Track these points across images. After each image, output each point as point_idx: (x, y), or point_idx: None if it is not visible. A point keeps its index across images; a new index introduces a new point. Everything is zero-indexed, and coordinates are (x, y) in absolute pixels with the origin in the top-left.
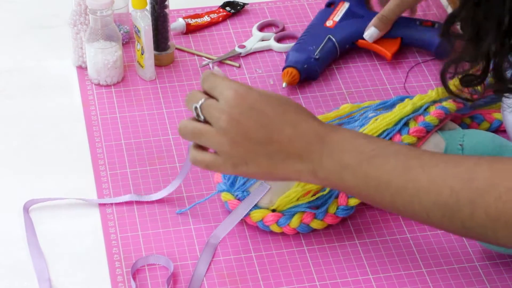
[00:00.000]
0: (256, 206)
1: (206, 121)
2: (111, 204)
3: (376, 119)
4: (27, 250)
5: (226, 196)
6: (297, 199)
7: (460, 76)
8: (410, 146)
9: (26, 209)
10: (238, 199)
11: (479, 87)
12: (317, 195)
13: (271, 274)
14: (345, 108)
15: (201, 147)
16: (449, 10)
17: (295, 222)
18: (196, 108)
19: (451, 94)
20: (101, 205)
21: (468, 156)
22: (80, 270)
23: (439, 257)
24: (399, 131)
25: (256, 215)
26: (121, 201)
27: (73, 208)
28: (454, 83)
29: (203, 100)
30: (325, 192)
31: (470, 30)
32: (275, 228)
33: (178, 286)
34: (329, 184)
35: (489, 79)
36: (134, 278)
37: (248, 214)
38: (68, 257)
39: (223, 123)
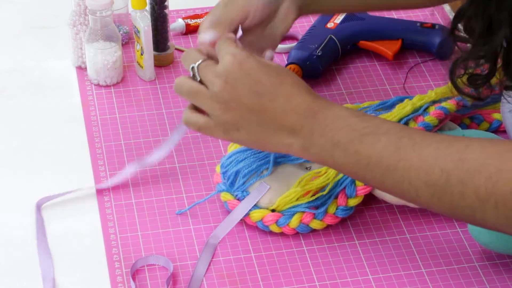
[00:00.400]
0: (255, 206)
1: (202, 82)
2: (111, 204)
3: None
4: (28, 249)
5: (225, 196)
6: (297, 199)
7: (467, 75)
8: (403, 125)
9: (38, 206)
10: (238, 199)
11: (484, 85)
12: (316, 195)
13: (271, 274)
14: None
15: (196, 109)
16: (452, 15)
17: (294, 222)
18: (193, 68)
19: (460, 93)
20: (101, 205)
21: (460, 137)
22: (80, 270)
23: (439, 257)
24: None
25: (256, 215)
26: (123, 176)
27: (73, 208)
28: (462, 81)
29: (200, 60)
30: (324, 192)
31: (481, 25)
32: (274, 228)
33: (177, 286)
34: (320, 161)
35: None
36: (133, 279)
37: (247, 214)
38: (68, 257)
39: (217, 87)
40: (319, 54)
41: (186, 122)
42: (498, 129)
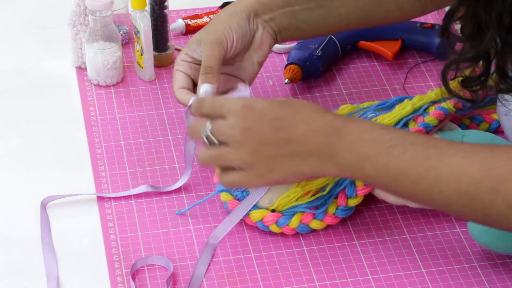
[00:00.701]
0: (255, 206)
1: (220, 143)
2: (111, 205)
3: (376, 120)
4: (29, 248)
5: (225, 196)
6: (297, 199)
7: (461, 78)
8: (428, 135)
9: (43, 205)
10: (238, 199)
11: (478, 87)
12: (316, 196)
13: (271, 274)
14: (344, 108)
15: (227, 168)
16: None
17: (294, 222)
18: (207, 136)
19: (452, 95)
20: (101, 206)
21: (485, 145)
22: (80, 270)
23: (439, 257)
24: None
25: (256, 215)
26: (135, 192)
27: (72, 209)
28: (454, 83)
29: (209, 125)
30: (324, 193)
31: (470, 27)
32: (274, 228)
33: (177, 286)
34: (352, 176)
35: (489, 81)
36: (133, 279)
37: (247, 214)
38: (68, 257)
39: (238, 137)
40: (319, 54)
41: (224, 184)
42: (497, 130)
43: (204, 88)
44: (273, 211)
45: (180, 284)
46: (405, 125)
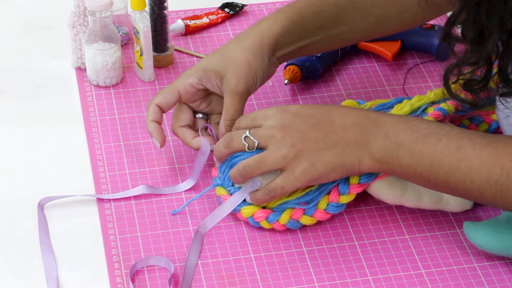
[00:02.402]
0: (247, 202)
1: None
2: (110, 206)
3: None
4: (28, 249)
5: (220, 191)
6: (288, 196)
7: (462, 80)
8: (460, 127)
9: (40, 206)
10: (231, 194)
11: (479, 90)
12: (306, 191)
13: (270, 275)
14: (346, 103)
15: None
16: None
17: (284, 218)
18: (246, 137)
19: (454, 98)
20: (100, 206)
21: None
22: (79, 271)
23: (438, 258)
24: None
25: (247, 211)
26: (133, 194)
27: (72, 209)
28: (458, 85)
29: (248, 130)
30: (314, 187)
31: (472, 32)
32: (264, 224)
33: (177, 287)
34: (386, 167)
35: (490, 83)
36: (133, 280)
37: (238, 210)
38: (67, 258)
39: (278, 134)
40: (319, 55)
41: (270, 192)
42: (497, 130)
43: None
44: (264, 208)
45: (180, 284)
46: None
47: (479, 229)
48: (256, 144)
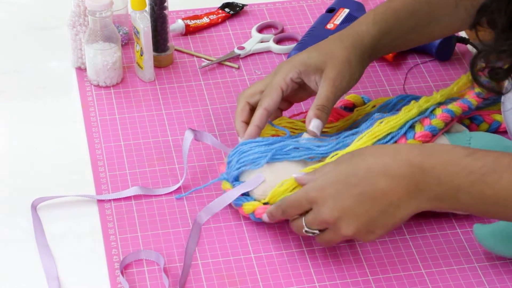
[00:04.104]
0: (250, 197)
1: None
2: (111, 206)
3: (381, 122)
4: (31, 249)
5: (225, 185)
6: (291, 191)
7: (488, 68)
8: None
9: (34, 207)
10: None
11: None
12: None
13: (271, 275)
14: (350, 98)
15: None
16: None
17: None
18: (306, 231)
19: (480, 86)
20: (101, 207)
21: None
22: (80, 271)
23: (439, 258)
24: (405, 135)
25: (248, 207)
26: (126, 195)
27: (72, 210)
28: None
29: (304, 222)
30: None
31: (504, 20)
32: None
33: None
34: (449, 207)
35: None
36: (128, 274)
37: (240, 205)
38: (67, 258)
39: (330, 221)
40: None
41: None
42: (497, 130)
43: (315, 123)
44: (266, 204)
45: (181, 271)
46: (411, 127)
47: (489, 231)
48: (317, 232)
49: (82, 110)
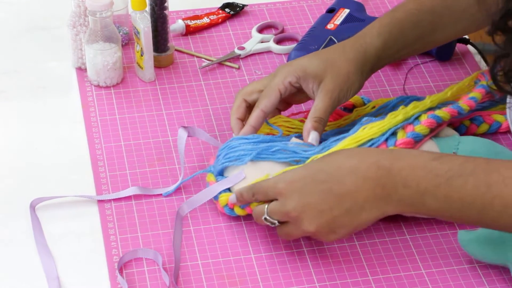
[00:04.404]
0: (227, 190)
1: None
2: (111, 206)
3: (364, 128)
4: (31, 249)
5: (209, 177)
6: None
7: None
8: (486, 159)
9: (32, 207)
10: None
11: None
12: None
13: (271, 275)
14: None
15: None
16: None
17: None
18: (265, 219)
19: (499, 88)
20: (101, 207)
21: None
22: (80, 271)
23: (439, 258)
24: (386, 142)
25: (223, 198)
26: (124, 195)
27: (72, 209)
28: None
29: (266, 210)
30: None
31: None
32: (238, 210)
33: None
34: (416, 210)
35: None
36: (128, 274)
37: (217, 199)
38: (67, 258)
39: (292, 214)
40: None
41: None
42: (497, 131)
43: (314, 136)
44: None
45: (181, 285)
46: (393, 134)
47: (473, 238)
48: (277, 223)
49: (82, 110)
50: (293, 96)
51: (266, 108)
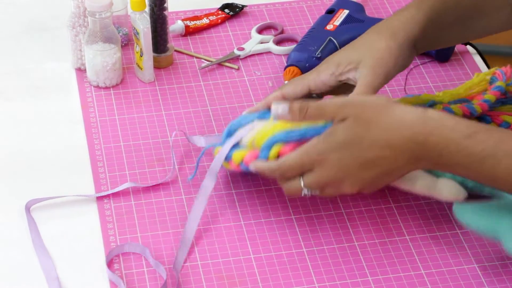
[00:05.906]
0: (240, 146)
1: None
2: (110, 206)
3: None
4: (29, 250)
5: (217, 150)
6: (273, 132)
7: None
8: None
9: (27, 208)
10: None
11: None
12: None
13: (270, 275)
14: None
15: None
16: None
17: (273, 154)
18: (306, 194)
19: None
20: (100, 206)
21: None
22: (79, 271)
23: (438, 259)
24: None
25: (237, 156)
26: (118, 190)
27: (72, 210)
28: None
29: (302, 183)
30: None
31: None
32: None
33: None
34: (445, 171)
35: None
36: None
37: (231, 158)
38: (67, 258)
39: (334, 182)
40: (319, 56)
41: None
42: None
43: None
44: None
45: (181, 285)
46: None
47: (469, 208)
48: (318, 193)
49: (81, 111)
50: (340, 91)
51: (287, 95)
